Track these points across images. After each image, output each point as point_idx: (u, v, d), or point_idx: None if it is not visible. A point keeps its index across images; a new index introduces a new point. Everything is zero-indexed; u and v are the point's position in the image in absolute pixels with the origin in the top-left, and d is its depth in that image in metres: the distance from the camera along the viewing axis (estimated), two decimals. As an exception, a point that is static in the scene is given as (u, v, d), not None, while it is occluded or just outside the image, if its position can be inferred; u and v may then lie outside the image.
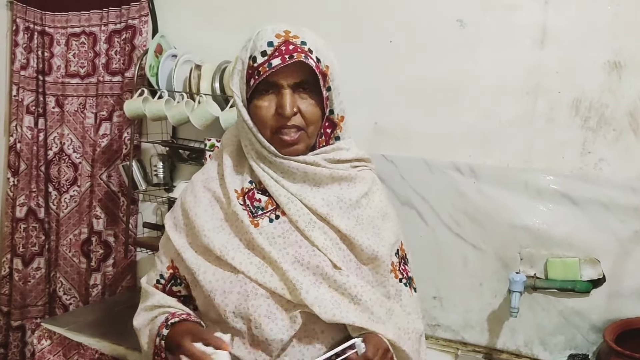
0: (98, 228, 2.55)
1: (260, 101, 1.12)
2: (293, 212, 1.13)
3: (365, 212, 1.19)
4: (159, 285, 1.22)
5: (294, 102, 1.11)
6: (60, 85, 2.63)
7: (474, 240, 1.89)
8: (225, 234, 1.14)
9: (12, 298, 2.70)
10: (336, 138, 1.20)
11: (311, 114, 1.12)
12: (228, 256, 1.11)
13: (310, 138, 1.15)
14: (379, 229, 1.19)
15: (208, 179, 1.21)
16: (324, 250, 1.12)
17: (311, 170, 1.14)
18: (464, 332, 1.93)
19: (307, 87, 1.12)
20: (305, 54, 1.09)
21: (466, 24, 1.86)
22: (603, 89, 1.72)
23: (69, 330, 1.99)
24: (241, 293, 1.09)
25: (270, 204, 1.15)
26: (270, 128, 1.12)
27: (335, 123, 1.19)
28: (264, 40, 1.10)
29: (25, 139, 2.64)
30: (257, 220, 1.14)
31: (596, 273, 1.74)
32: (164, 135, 2.39)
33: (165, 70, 2.22)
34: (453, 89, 1.89)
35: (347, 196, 1.17)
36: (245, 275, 1.09)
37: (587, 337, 1.76)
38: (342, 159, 1.19)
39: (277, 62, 1.07)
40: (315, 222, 1.14)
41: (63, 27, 2.60)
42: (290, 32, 1.12)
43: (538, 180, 1.80)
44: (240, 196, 1.16)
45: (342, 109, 1.20)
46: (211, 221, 1.15)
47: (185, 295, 1.21)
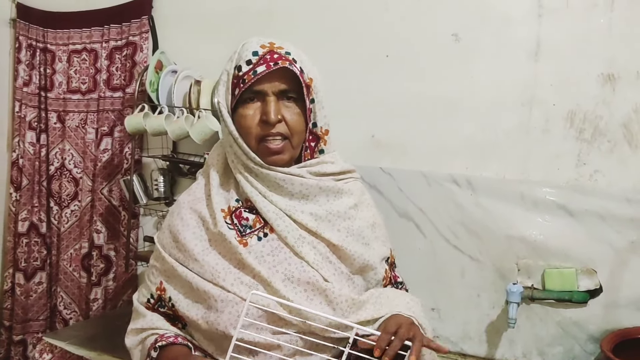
0: (99, 242, 2.56)
1: (245, 110, 1.13)
2: (282, 229, 1.13)
3: (355, 223, 1.20)
4: (150, 303, 1.21)
5: (279, 110, 1.12)
6: (61, 101, 2.66)
7: (472, 252, 1.90)
8: (214, 256, 1.14)
9: (14, 312, 2.71)
10: (320, 151, 1.20)
11: (295, 123, 1.13)
12: (219, 279, 1.11)
13: (294, 149, 1.16)
14: (369, 239, 1.21)
15: (194, 200, 1.21)
16: (314, 265, 1.12)
17: (297, 181, 1.14)
18: (462, 343, 1.94)
19: (292, 96, 1.14)
20: (290, 62, 1.11)
21: (461, 38, 1.89)
22: (597, 101, 1.73)
23: (70, 344, 1.99)
24: (232, 313, 1.09)
25: (258, 222, 1.15)
26: (255, 137, 1.13)
27: (318, 136, 1.19)
28: (249, 51, 1.12)
29: (27, 155, 2.67)
30: (246, 239, 1.14)
31: (593, 283, 1.75)
32: (164, 150, 2.41)
33: (165, 86, 2.25)
34: (449, 102, 1.91)
35: (336, 208, 1.18)
36: (236, 295, 1.09)
37: (585, 348, 1.77)
38: (326, 172, 1.19)
39: (262, 69, 1.09)
40: (305, 237, 1.14)
41: (65, 44, 2.63)
42: (275, 44, 1.14)
43: (534, 192, 1.81)
44: (228, 215, 1.16)
45: (327, 123, 1.20)
46: (200, 244, 1.15)
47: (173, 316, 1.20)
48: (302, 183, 1.15)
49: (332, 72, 2.05)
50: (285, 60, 1.10)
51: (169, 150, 2.42)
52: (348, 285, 1.16)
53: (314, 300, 1.11)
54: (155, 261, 1.23)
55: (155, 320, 1.19)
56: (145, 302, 1.22)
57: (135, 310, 1.24)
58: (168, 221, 1.23)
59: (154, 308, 1.21)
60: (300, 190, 1.15)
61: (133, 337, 1.21)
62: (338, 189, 1.20)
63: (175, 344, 1.13)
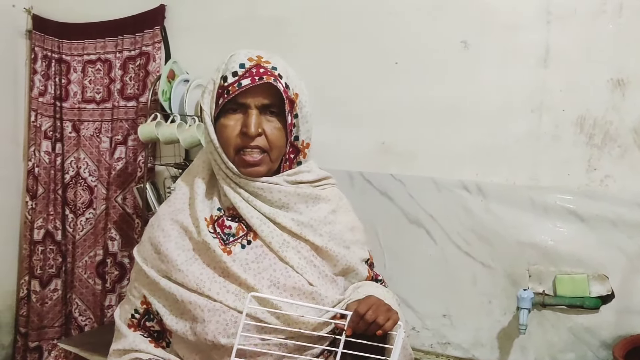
0: (113, 250, 2.60)
1: (227, 120, 1.13)
2: (266, 234, 1.14)
3: (336, 227, 1.22)
4: (134, 319, 1.19)
5: (260, 123, 1.12)
6: (76, 111, 2.70)
7: (483, 258, 1.90)
8: (199, 265, 1.13)
9: (29, 319, 2.75)
10: (298, 163, 1.21)
11: (275, 138, 1.14)
12: (204, 288, 1.10)
13: (272, 162, 1.16)
14: (350, 242, 1.23)
15: (175, 210, 1.20)
16: (298, 270, 1.13)
17: (275, 189, 1.15)
18: (474, 349, 1.93)
19: (274, 111, 1.14)
20: (275, 77, 1.11)
21: (470, 44, 1.90)
22: (607, 106, 1.73)
23: (84, 350, 2.02)
24: (220, 322, 1.08)
25: (241, 229, 1.15)
26: (234, 147, 1.13)
27: (299, 149, 1.20)
28: (236, 62, 1.12)
29: (43, 164, 2.71)
30: (230, 248, 1.13)
31: (605, 289, 1.74)
32: (176, 158, 2.44)
33: (177, 95, 2.28)
34: (459, 109, 1.92)
35: (316, 215, 1.19)
36: (223, 304, 1.09)
37: (597, 354, 1.76)
38: (303, 180, 1.20)
39: (247, 82, 1.10)
40: (289, 242, 1.15)
41: (79, 55, 2.68)
42: (263, 57, 1.14)
43: (545, 198, 1.81)
44: (210, 224, 1.16)
45: (309, 137, 1.20)
46: (183, 254, 1.14)
47: (159, 330, 1.18)
48: (280, 190, 1.15)
49: (342, 79, 2.08)
50: (271, 75, 1.11)
51: (182, 158, 2.44)
52: (332, 288, 1.17)
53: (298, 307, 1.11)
54: (136, 275, 1.21)
55: (138, 342, 1.18)
56: (129, 318, 1.20)
57: (117, 330, 1.22)
58: (148, 234, 1.21)
59: (139, 323, 1.19)
60: (279, 198, 1.16)
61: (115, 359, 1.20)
62: (316, 195, 1.20)
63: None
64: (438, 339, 1.98)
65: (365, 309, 1.05)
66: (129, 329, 1.19)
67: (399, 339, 1.04)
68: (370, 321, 1.04)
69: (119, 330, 1.21)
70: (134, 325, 1.19)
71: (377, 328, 1.04)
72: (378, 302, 1.08)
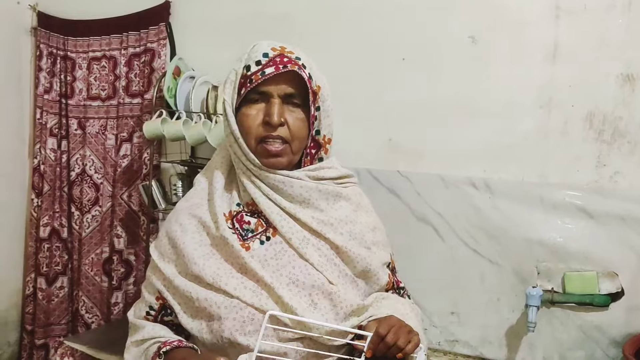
0: (119, 247, 2.59)
1: (249, 109, 1.12)
2: (286, 230, 1.12)
3: (357, 227, 1.19)
4: (149, 316, 1.19)
5: (282, 113, 1.11)
6: (82, 108, 2.70)
7: (491, 256, 1.89)
8: (216, 260, 1.11)
9: (36, 317, 2.75)
10: (319, 159, 1.19)
11: (297, 129, 1.12)
12: (221, 282, 1.08)
13: (294, 154, 1.14)
14: (370, 243, 1.21)
15: (192, 205, 1.18)
16: (319, 267, 1.11)
17: (297, 183, 1.13)
18: (482, 347, 1.92)
19: (297, 101, 1.12)
20: (299, 67, 1.10)
21: (478, 40, 1.88)
22: (616, 101, 1.72)
23: (90, 348, 2.02)
24: (237, 319, 1.07)
25: (260, 225, 1.14)
26: (255, 137, 1.11)
27: (320, 144, 1.18)
28: (260, 52, 1.11)
29: (48, 161, 2.71)
30: (248, 243, 1.12)
31: (614, 286, 1.73)
32: (182, 155, 2.43)
33: (183, 92, 2.27)
34: (467, 105, 1.91)
35: (336, 213, 1.17)
36: (240, 300, 1.07)
37: (607, 352, 1.74)
38: (325, 176, 1.18)
39: (271, 71, 1.08)
40: (309, 239, 1.13)
41: (85, 52, 2.67)
42: (286, 48, 1.13)
43: (553, 194, 1.80)
44: (229, 219, 1.14)
45: (330, 132, 1.19)
46: (200, 248, 1.13)
47: (178, 324, 1.16)
48: (301, 186, 1.13)
49: (349, 76, 2.07)
50: (295, 64, 1.10)
51: (187, 155, 2.43)
52: (352, 288, 1.15)
53: (318, 304, 1.10)
54: (152, 272, 1.19)
55: (158, 329, 1.17)
56: (144, 315, 1.19)
57: (133, 325, 1.21)
58: (165, 229, 1.20)
59: (155, 320, 1.19)
60: (300, 194, 1.14)
61: (134, 349, 1.18)
62: (337, 193, 1.18)
63: (180, 347, 1.11)
64: (446, 336, 1.97)
65: (386, 331, 1.03)
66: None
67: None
68: (391, 344, 1.02)
69: (134, 325, 1.20)
70: (151, 321, 1.19)
71: (398, 351, 1.02)
72: (399, 324, 1.06)
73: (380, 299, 1.19)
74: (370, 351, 1.03)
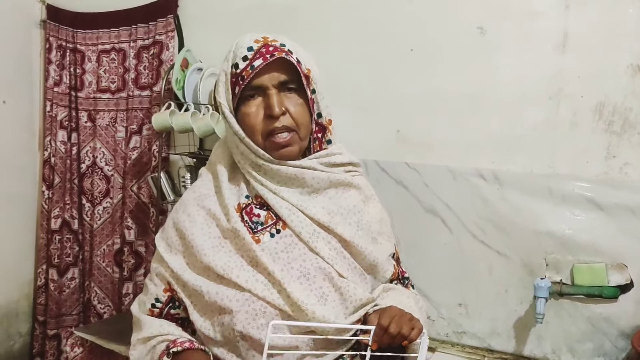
0: (130, 238, 2.61)
1: (248, 107, 1.10)
2: (296, 224, 1.11)
3: (364, 217, 1.19)
4: (155, 309, 1.16)
5: (282, 102, 1.09)
6: (92, 101, 2.71)
7: (499, 247, 1.89)
8: (226, 252, 1.10)
9: (47, 307, 2.78)
10: (328, 142, 1.18)
11: (299, 114, 1.10)
12: (232, 274, 1.07)
13: (302, 141, 1.13)
14: (377, 234, 1.20)
15: (200, 196, 1.16)
16: (329, 260, 1.11)
17: (309, 174, 1.12)
18: (490, 339, 1.92)
19: (293, 87, 1.11)
20: (286, 52, 1.08)
21: (486, 31, 1.87)
22: (626, 92, 1.70)
23: (100, 338, 2.04)
24: (249, 312, 1.05)
25: (270, 218, 1.13)
26: (261, 133, 1.10)
27: (324, 127, 1.17)
28: (244, 47, 1.10)
29: (59, 153, 2.73)
30: (258, 236, 1.10)
31: (624, 278, 1.72)
32: (191, 147, 2.44)
33: (191, 84, 2.28)
34: (475, 96, 1.89)
35: (345, 203, 1.16)
36: (252, 293, 1.06)
37: (615, 344, 1.74)
38: (337, 162, 1.17)
39: (259, 63, 1.06)
40: (319, 232, 1.12)
41: (94, 44, 2.68)
42: (269, 38, 1.11)
43: (562, 186, 1.79)
44: (238, 212, 1.12)
45: (329, 113, 1.17)
46: (209, 240, 1.11)
47: (184, 318, 1.15)
48: (313, 177, 1.13)
49: (357, 67, 2.07)
50: (281, 51, 1.08)
51: (196, 147, 2.44)
52: (361, 281, 1.15)
53: (328, 298, 1.09)
54: (158, 264, 1.17)
55: (166, 326, 1.14)
56: (148, 308, 1.17)
57: (137, 320, 1.17)
58: (172, 219, 1.18)
59: (161, 313, 1.16)
60: (311, 184, 1.13)
61: (140, 347, 1.14)
62: (348, 182, 1.18)
63: (191, 349, 1.07)
64: (454, 328, 1.97)
65: (388, 322, 1.03)
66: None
67: (423, 346, 1.02)
68: (394, 334, 1.03)
69: (139, 321, 1.17)
70: (155, 315, 1.16)
71: (402, 339, 1.03)
72: (400, 313, 1.06)
73: (385, 291, 1.19)
74: (375, 344, 1.04)
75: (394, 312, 1.06)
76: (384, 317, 1.05)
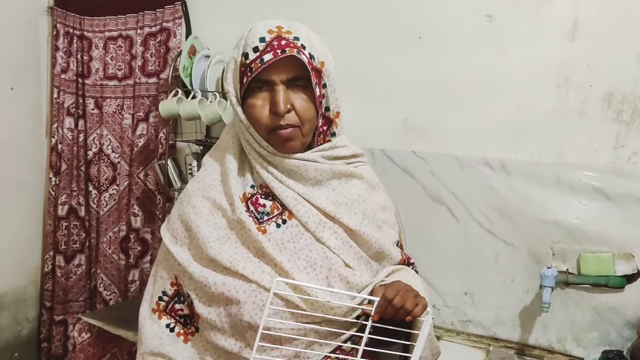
0: (136, 225, 2.62)
1: (254, 100, 1.09)
2: (302, 214, 1.10)
3: (369, 205, 1.19)
4: (162, 302, 1.16)
5: (288, 99, 1.07)
6: (99, 88, 2.72)
7: (506, 236, 1.89)
8: (232, 244, 1.10)
9: (54, 293, 2.80)
10: (332, 134, 1.17)
11: (305, 112, 1.09)
12: (239, 267, 1.07)
13: (305, 136, 1.11)
14: (381, 222, 1.21)
15: (205, 187, 1.16)
16: (335, 250, 1.11)
17: (312, 166, 1.11)
18: (495, 327, 1.92)
19: (301, 83, 1.09)
20: (298, 49, 1.06)
21: (495, 18, 1.86)
22: (636, 81, 1.69)
23: (107, 324, 2.05)
24: (256, 303, 1.05)
25: (276, 208, 1.12)
26: (265, 127, 1.09)
27: (331, 120, 1.15)
28: (256, 37, 1.07)
29: (66, 140, 2.74)
30: (264, 227, 1.10)
31: (630, 268, 1.71)
32: (198, 135, 2.44)
33: (198, 71, 2.28)
34: (483, 85, 1.89)
35: (349, 192, 1.16)
36: (258, 284, 1.06)
37: (621, 333, 1.74)
38: (339, 155, 1.17)
39: (269, 57, 1.04)
40: (325, 222, 1.12)
41: (101, 31, 2.68)
42: (283, 28, 1.08)
43: (570, 175, 1.78)
44: (243, 201, 1.12)
45: (337, 105, 1.16)
46: (215, 231, 1.11)
47: (186, 315, 1.15)
48: (316, 169, 1.12)
49: (364, 55, 2.06)
50: (294, 47, 1.05)
51: (203, 135, 2.44)
52: (367, 270, 1.15)
53: (334, 288, 1.09)
54: (164, 258, 1.17)
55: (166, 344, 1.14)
56: (156, 301, 1.17)
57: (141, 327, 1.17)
58: (177, 211, 1.18)
59: (166, 307, 1.16)
60: (314, 176, 1.13)
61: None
62: (350, 173, 1.18)
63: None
64: (459, 316, 1.97)
65: (393, 295, 1.03)
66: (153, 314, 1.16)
67: (426, 325, 1.01)
68: (398, 307, 1.02)
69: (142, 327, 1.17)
70: (160, 310, 1.16)
71: (406, 314, 1.03)
72: (406, 288, 1.06)
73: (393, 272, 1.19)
74: (377, 314, 1.04)
75: (400, 286, 1.06)
76: (390, 289, 1.05)
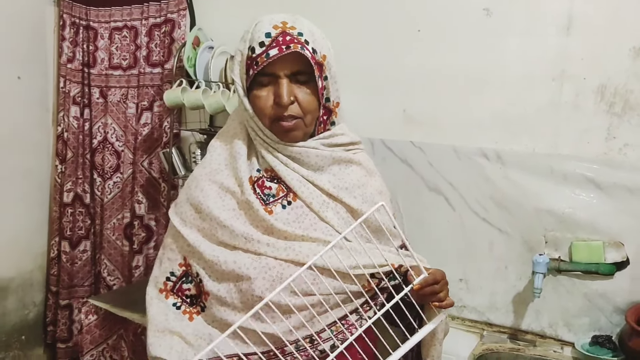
0: (140, 212, 2.67)
1: (259, 91, 1.15)
2: (306, 195, 1.17)
3: (368, 190, 1.26)
4: (169, 282, 1.21)
5: (291, 91, 1.14)
6: (104, 77, 2.76)
7: (500, 225, 1.94)
8: (242, 223, 1.15)
9: (60, 278, 2.86)
10: (332, 123, 1.24)
11: (308, 104, 1.16)
12: (249, 244, 1.13)
13: (307, 127, 1.18)
14: None
15: (211, 171, 1.22)
16: (339, 229, 1.18)
17: (313, 153, 1.18)
18: (489, 313, 1.98)
19: (304, 77, 1.15)
20: (302, 45, 1.12)
21: (492, 12, 1.90)
22: (628, 74, 1.73)
23: (114, 307, 2.10)
24: (266, 279, 1.11)
25: (281, 190, 1.18)
26: (268, 118, 1.16)
27: (331, 110, 1.22)
28: (262, 32, 1.13)
29: (71, 129, 2.79)
30: (270, 208, 1.16)
31: (620, 256, 1.76)
32: (201, 124, 2.49)
33: (202, 62, 2.32)
34: (480, 77, 1.93)
35: (349, 178, 1.23)
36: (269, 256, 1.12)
37: (610, 319, 1.79)
38: (338, 143, 1.24)
39: (275, 53, 1.10)
40: (328, 202, 1.19)
41: (107, 22, 2.72)
42: (287, 23, 1.14)
43: (564, 166, 1.83)
44: (250, 184, 1.18)
45: (338, 96, 1.23)
46: (225, 212, 1.16)
47: (193, 295, 1.20)
48: (317, 155, 1.19)
49: (364, 47, 2.10)
50: (298, 43, 1.11)
51: (206, 124, 2.49)
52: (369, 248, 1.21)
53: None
54: (174, 239, 1.22)
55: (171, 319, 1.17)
56: (163, 281, 1.21)
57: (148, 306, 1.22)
58: (185, 195, 1.23)
59: (174, 287, 1.20)
60: (315, 162, 1.19)
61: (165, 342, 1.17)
62: (349, 159, 1.25)
63: None
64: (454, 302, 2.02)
65: (440, 278, 1.15)
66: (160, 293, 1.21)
67: (438, 319, 1.16)
68: (437, 291, 1.14)
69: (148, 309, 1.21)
70: (167, 290, 1.21)
71: (438, 301, 1.15)
72: (447, 281, 1.18)
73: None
74: (419, 285, 1.13)
75: (444, 275, 1.18)
76: (440, 273, 1.16)
